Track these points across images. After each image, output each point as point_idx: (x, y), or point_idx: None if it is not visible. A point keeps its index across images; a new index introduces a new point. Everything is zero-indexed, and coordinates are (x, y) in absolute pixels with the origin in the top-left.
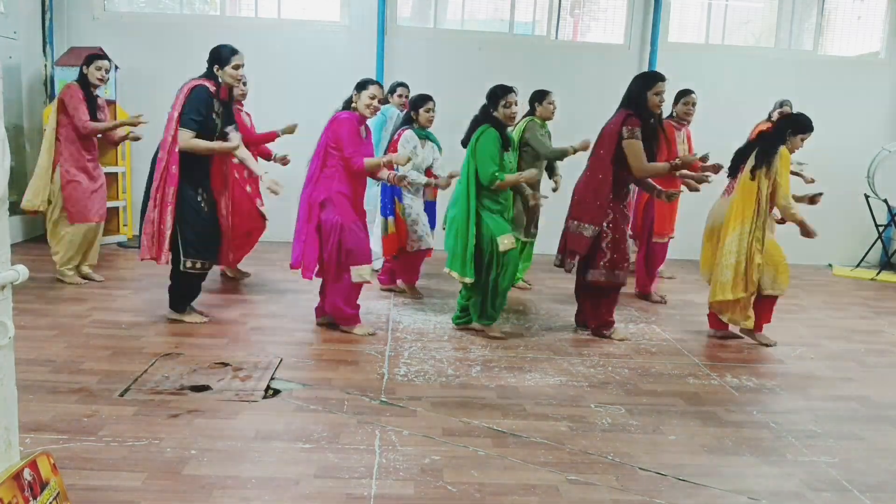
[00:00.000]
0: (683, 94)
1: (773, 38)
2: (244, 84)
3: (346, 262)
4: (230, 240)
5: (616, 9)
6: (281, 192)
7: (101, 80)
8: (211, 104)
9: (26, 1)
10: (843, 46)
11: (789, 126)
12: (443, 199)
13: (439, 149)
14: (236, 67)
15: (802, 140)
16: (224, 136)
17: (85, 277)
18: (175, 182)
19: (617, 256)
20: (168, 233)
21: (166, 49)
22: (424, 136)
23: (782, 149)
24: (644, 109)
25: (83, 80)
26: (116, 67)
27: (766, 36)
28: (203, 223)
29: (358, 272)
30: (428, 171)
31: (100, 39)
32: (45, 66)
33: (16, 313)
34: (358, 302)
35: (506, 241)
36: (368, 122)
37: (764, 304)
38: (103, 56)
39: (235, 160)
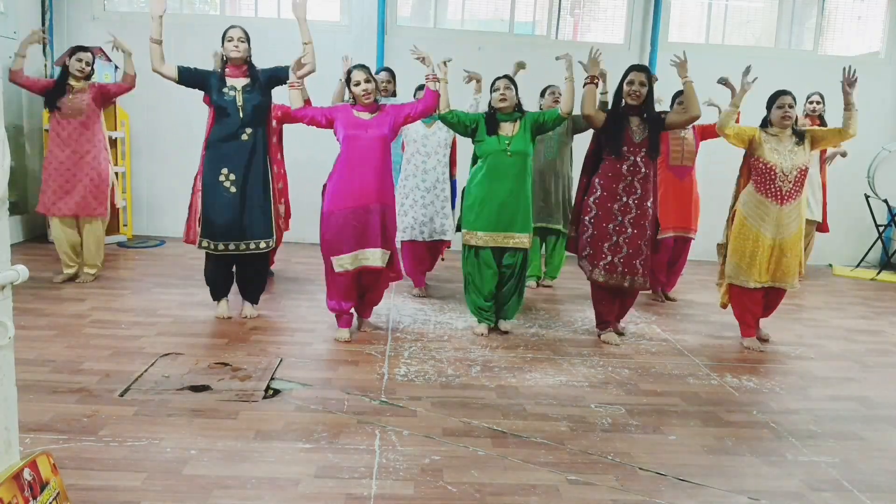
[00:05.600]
0: (678, 94)
1: (773, 38)
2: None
3: (326, 253)
4: (279, 218)
5: (616, 9)
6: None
7: (80, 71)
8: (212, 80)
9: (26, 1)
10: (843, 46)
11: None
12: (462, 179)
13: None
14: (230, 40)
15: (780, 108)
16: (255, 113)
17: (72, 278)
18: (202, 168)
19: (592, 253)
20: (198, 216)
21: (166, 49)
22: (430, 120)
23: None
24: (619, 100)
25: (65, 70)
26: (116, 67)
27: (766, 36)
28: (221, 204)
29: (338, 262)
30: (454, 149)
31: (100, 39)
32: (45, 66)
33: (16, 313)
34: (344, 304)
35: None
36: None
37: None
38: (86, 49)
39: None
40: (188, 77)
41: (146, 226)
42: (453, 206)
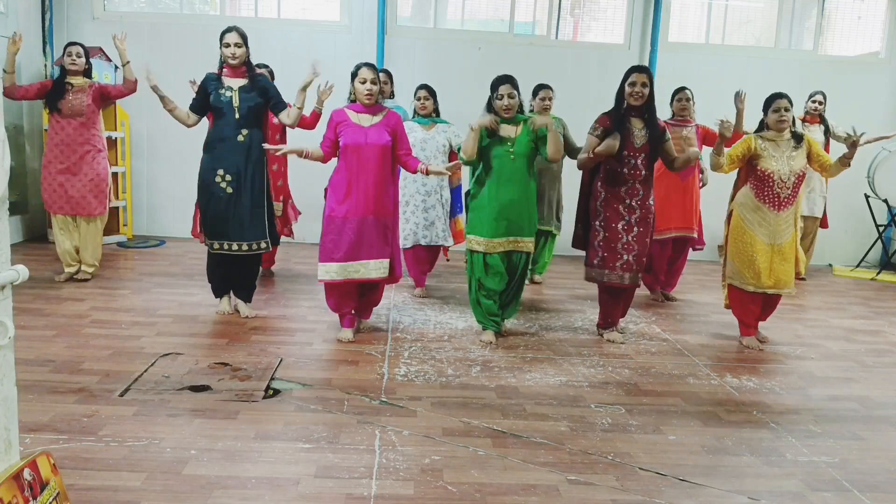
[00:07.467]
0: (677, 92)
1: (773, 38)
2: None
3: (320, 255)
4: (275, 216)
5: (616, 9)
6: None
7: (73, 64)
8: (209, 85)
9: (26, 1)
10: (843, 46)
11: (764, 110)
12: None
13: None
14: (227, 46)
15: (776, 112)
16: (250, 113)
17: (72, 276)
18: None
19: (607, 256)
20: (199, 216)
21: (166, 49)
22: (429, 122)
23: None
24: (621, 101)
25: (63, 69)
26: (116, 67)
27: (766, 36)
28: (216, 204)
29: (324, 269)
30: (452, 154)
31: (100, 39)
32: (45, 66)
33: (16, 313)
34: (343, 306)
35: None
36: None
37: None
38: (75, 43)
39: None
40: (201, 108)
41: (146, 226)
42: (458, 213)
